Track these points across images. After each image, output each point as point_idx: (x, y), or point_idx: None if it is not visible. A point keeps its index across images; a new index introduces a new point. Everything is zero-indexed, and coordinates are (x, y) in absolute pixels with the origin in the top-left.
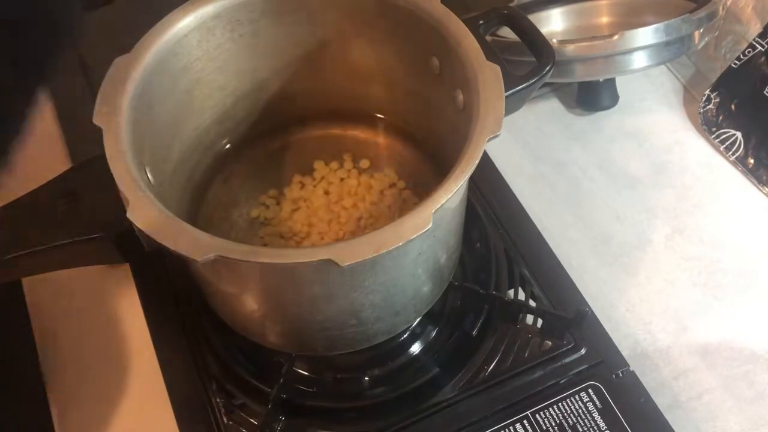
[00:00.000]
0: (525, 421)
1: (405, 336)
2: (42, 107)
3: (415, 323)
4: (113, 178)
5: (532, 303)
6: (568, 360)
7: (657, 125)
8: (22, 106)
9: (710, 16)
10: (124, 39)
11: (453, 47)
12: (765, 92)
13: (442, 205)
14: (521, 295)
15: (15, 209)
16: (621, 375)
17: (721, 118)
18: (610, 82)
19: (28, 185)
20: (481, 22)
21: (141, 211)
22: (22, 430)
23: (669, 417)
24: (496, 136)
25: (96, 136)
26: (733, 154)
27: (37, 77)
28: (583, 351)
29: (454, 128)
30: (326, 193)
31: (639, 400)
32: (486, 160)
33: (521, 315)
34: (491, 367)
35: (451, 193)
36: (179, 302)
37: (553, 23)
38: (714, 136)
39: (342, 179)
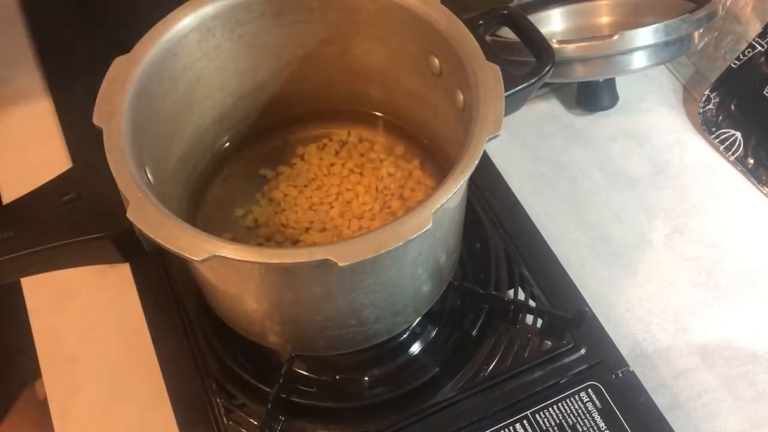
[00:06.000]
0: (525, 421)
1: (405, 336)
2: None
3: (415, 323)
4: (113, 178)
5: (532, 303)
6: (567, 360)
7: (657, 125)
8: None
9: (710, 16)
10: (124, 39)
11: (453, 47)
12: (765, 92)
13: (442, 205)
14: (521, 295)
15: (15, 209)
16: (621, 375)
17: (720, 118)
18: (610, 82)
19: (28, 185)
20: (481, 22)
21: (141, 211)
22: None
23: (669, 417)
24: (496, 136)
25: (96, 136)
26: (732, 154)
27: None
28: (582, 351)
29: (454, 128)
30: (319, 188)
31: (639, 400)
32: (486, 160)
33: (521, 315)
34: (491, 367)
35: (451, 193)
36: (179, 302)
37: (553, 23)
38: (714, 136)
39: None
